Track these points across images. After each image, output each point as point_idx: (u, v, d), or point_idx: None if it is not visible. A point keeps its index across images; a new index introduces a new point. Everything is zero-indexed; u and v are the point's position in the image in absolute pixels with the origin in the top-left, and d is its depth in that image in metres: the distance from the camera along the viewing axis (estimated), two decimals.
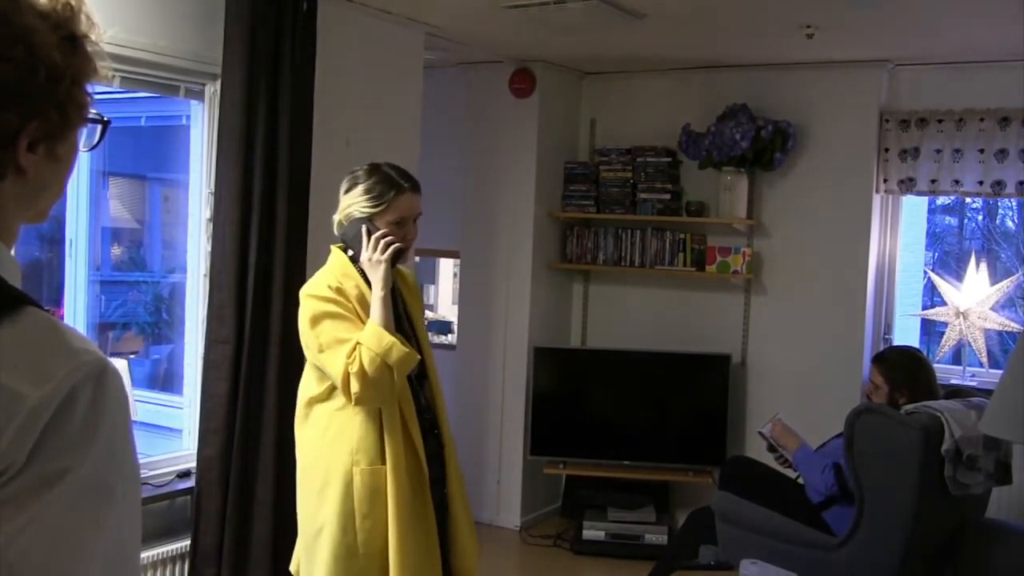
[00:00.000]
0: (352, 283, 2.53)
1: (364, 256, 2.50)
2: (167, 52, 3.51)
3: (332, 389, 2.49)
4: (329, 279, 2.54)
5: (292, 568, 2.68)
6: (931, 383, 3.94)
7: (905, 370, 3.92)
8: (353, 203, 2.53)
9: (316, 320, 2.46)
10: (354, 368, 2.36)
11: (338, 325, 2.45)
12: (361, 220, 2.52)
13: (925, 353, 5.26)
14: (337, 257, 2.60)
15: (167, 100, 3.99)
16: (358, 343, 2.40)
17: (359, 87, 4.26)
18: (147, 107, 4.61)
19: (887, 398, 3.89)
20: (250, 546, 3.62)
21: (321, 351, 2.44)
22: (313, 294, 2.50)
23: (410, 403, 2.51)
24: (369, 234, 2.50)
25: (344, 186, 2.57)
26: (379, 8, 4.24)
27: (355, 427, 2.47)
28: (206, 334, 3.63)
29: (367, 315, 2.48)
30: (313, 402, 2.54)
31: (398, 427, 2.46)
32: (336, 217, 2.60)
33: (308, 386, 2.56)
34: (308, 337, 2.47)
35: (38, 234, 4.39)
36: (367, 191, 2.51)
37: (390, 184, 2.52)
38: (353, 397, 2.40)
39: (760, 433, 4.20)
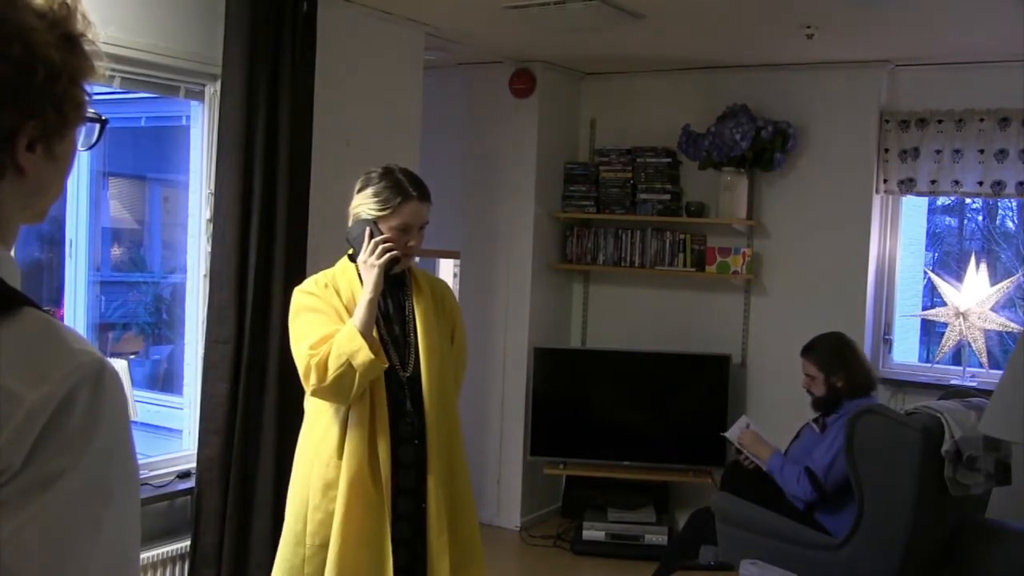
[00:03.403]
0: (346, 283, 2.56)
1: (361, 257, 2.52)
2: (167, 53, 3.51)
3: None
4: (324, 276, 2.60)
5: None
6: (864, 363, 4.07)
7: (833, 353, 4.01)
8: (362, 203, 2.55)
9: (296, 312, 2.54)
10: (316, 360, 2.40)
11: (313, 318, 2.50)
12: (367, 221, 2.53)
13: (926, 353, 5.30)
14: (345, 258, 2.64)
15: (167, 100, 3.99)
16: (329, 338, 2.43)
17: (359, 87, 4.26)
18: (147, 107, 4.60)
19: (825, 386, 3.95)
20: (250, 546, 3.62)
21: (293, 341, 2.51)
22: (300, 289, 2.58)
23: (383, 407, 2.49)
24: (371, 236, 2.51)
25: (357, 185, 2.59)
26: (379, 8, 4.24)
27: (324, 421, 2.52)
28: (206, 334, 3.63)
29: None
30: (306, 400, 2.59)
31: (364, 427, 2.47)
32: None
33: None
34: (289, 329, 2.55)
35: (38, 234, 4.39)
36: (376, 194, 2.53)
37: (399, 190, 2.53)
38: (310, 388, 2.45)
39: (727, 438, 4.23)
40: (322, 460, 2.48)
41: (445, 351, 2.65)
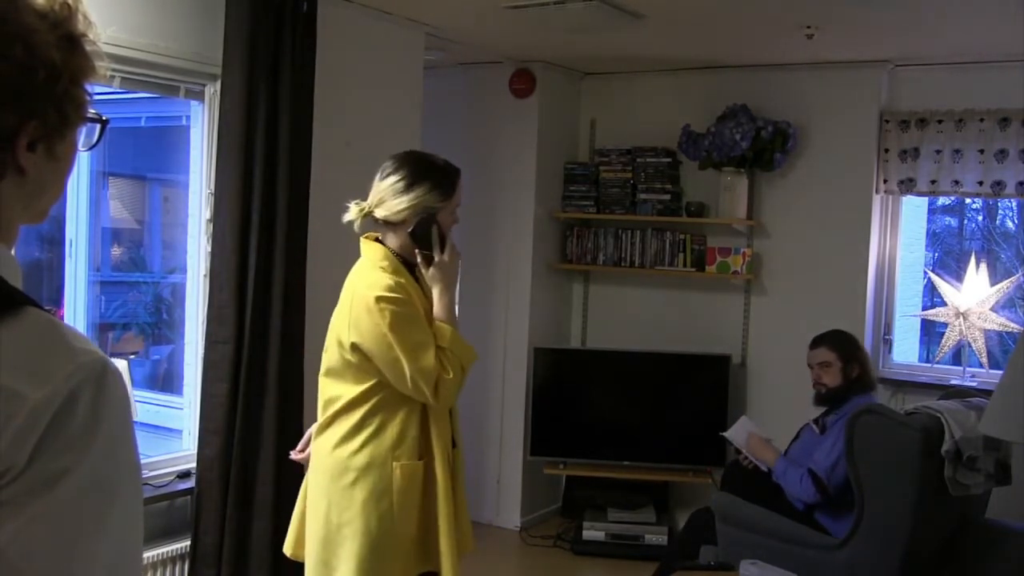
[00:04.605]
0: (405, 279, 2.51)
1: (437, 258, 2.50)
2: (167, 53, 3.52)
3: (371, 389, 2.47)
4: (390, 277, 2.47)
5: (287, 551, 2.73)
6: (869, 359, 4.20)
7: (848, 341, 4.05)
8: (419, 199, 2.46)
9: (398, 324, 2.41)
10: (451, 374, 2.45)
11: (419, 328, 2.45)
12: (431, 218, 2.48)
13: (925, 353, 5.30)
14: (379, 251, 2.53)
15: (167, 100, 3.99)
16: (440, 346, 2.46)
17: (359, 87, 4.26)
18: (147, 107, 4.60)
19: (841, 374, 3.96)
20: (250, 546, 3.62)
21: (406, 353, 2.40)
22: (387, 296, 2.42)
23: None
24: (440, 234, 2.50)
25: (400, 184, 2.47)
26: (379, 8, 4.24)
27: (395, 425, 2.48)
28: (206, 334, 3.63)
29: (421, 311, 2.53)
30: (352, 406, 2.49)
31: (447, 422, 2.55)
32: (381, 213, 2.50)
33: (342, 389, 2.51)
34: (385, 339, 2.40)
35: (38, 234, 4.39)
36: (436, 185, 2.48)
37: (450, 173, 2.54)
38: (442, 399, 2.46)
39: (727, 439, 4.23)
40: (401, 462, 2.47)
41: None
